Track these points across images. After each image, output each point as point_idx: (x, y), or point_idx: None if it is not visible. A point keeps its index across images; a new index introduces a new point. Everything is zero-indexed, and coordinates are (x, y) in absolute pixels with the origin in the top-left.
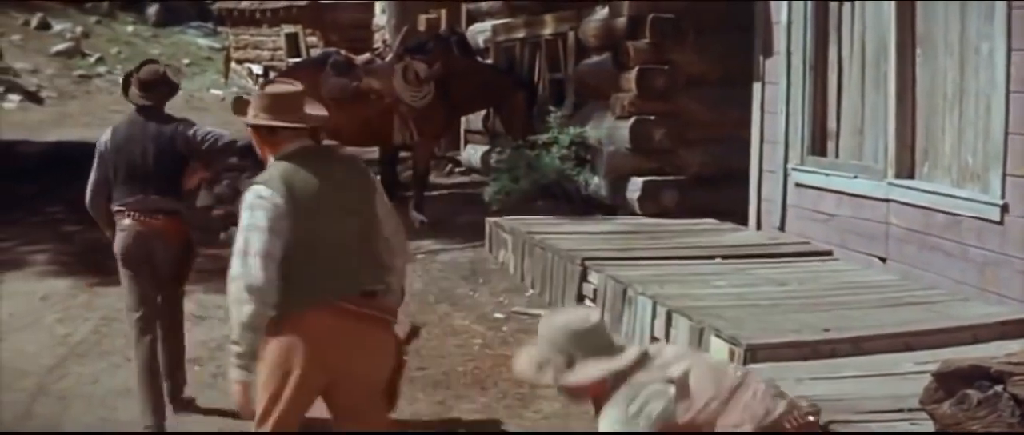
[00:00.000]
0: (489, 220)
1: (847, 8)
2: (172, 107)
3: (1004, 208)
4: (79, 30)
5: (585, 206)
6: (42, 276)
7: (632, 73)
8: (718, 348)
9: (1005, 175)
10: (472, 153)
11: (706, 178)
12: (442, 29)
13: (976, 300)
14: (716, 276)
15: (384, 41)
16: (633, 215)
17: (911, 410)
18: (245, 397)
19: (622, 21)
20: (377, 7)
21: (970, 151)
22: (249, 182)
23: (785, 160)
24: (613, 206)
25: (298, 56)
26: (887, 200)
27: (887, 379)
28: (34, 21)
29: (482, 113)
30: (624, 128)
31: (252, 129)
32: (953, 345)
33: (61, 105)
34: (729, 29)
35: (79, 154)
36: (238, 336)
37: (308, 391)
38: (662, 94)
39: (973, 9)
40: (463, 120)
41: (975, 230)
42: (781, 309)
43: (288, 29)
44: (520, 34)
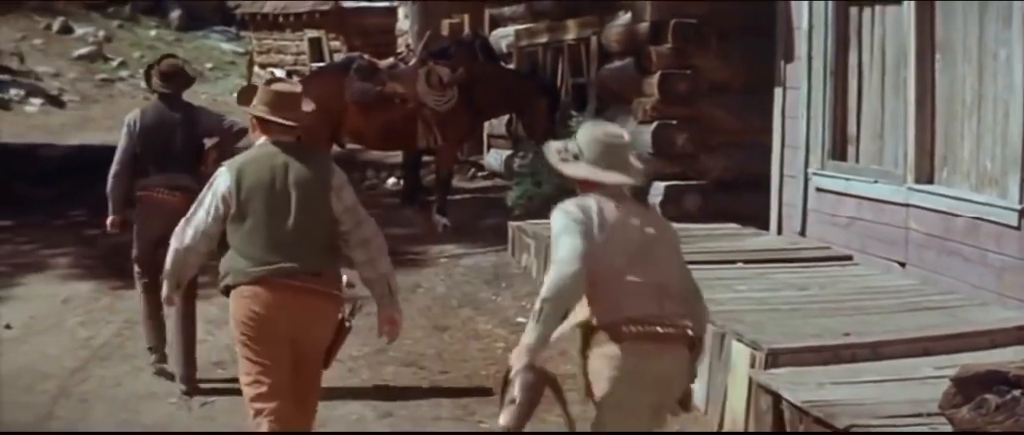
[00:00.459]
0: (512, 224)
1: (867, 14)
2: None
3: (1022, 213)
4: (101, 34)
5: None
6: (64, 279)
7: (654, 78)
8: (739, 352)
9: (1023, 180)
10: (495, 157)
11: (728, 183)
12: (465, 34)
13: (994, 305)
14: (738, 280)
15: (407, 46)
16: None
17: (930, 415)
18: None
19: (645, 26)
20: (400, 12)
21: (988, 156)
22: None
23: (806, 165)
24: None
25: (321, 61)
26: (907, 205)
27: (906, 384)
28: (56, 25)
29: (505, 117)
30: (646, 133)
31: (251, 116)
32: (971, 350)
33: (83, 109)
34: (751, 34)
35: (101, 158)
36: (164, 275)
37: (273, 347)
38: (684, 99)
39: (991, 15)
40: (486, 124)
41: (993, 235)
42: (802, 314)
43: (311, 34)
44: (543, 39)
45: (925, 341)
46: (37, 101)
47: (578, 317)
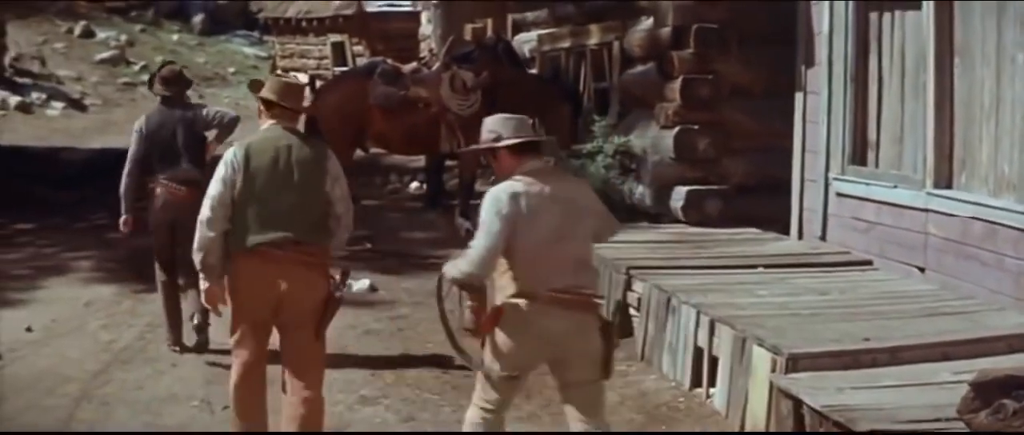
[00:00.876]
0: None
1: (887, 19)
2: None
3: None
4: (124, 38)
5: (630, 215)
6: (86, 282)
7: (676, 83)
8: (760, 357)
9: None
10: None
11: (749, 187)
12: (488, 38)
13: (1012, 309)
14: (759, 285)
15: (430, 50)
16: (677, 224)
17: (948, 419)
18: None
19: (666, 31)
20: (423, 16)
21: (1006, 161)
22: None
23: (826, 170)
24: (657, 215)
25: (344, 65)
26: (926, 210)
27: (925, 388)
28: (78, 29)
29: None
30: (668, 137)
31: (259, 101)
32: (989, 355)
33: (105, 113)
34: (772, 39)
35: (123, 162)
36: (194, 251)
37: (256, 310)
38: (706, 103)
39: (1010, 20)
40: None
41: (1011, 240)
42: (822, 318)
43: (334, 38)
44: (565, 44)
45: (943, 346)
46: (59, 105)
47: (507, 292)
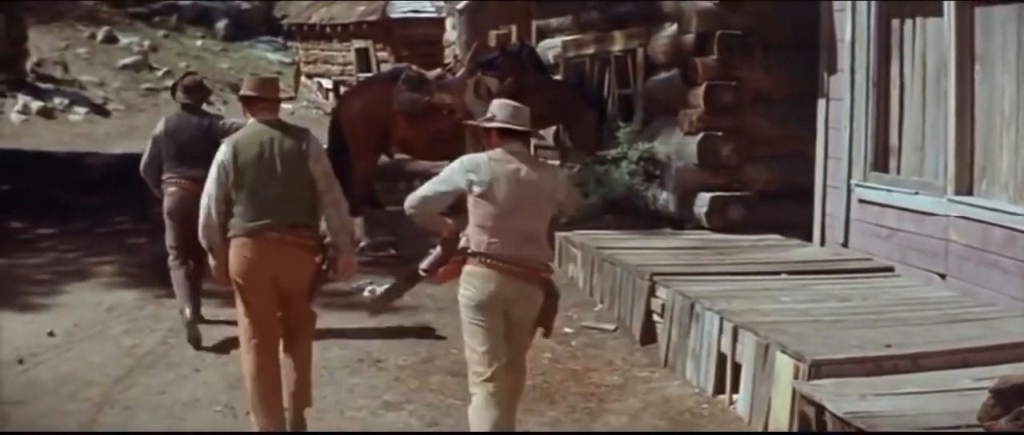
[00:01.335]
0: (558, 235)
1: (909, 26)
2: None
3: None
4: (147, 44)
5: (653, 221)
6: (109, 287)
7: (700, 89)
8: (783, 363)
9: None
10: None
11: (772, 194)
12: (512, 44)
13: None
14: (781, 292)
15: (455, 56)
16: (701, 230)
17: (969, 426)
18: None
19: (690, 38)
20: (448, 22)
21: None
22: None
23: (849, 176)
24: (681, 221)
25: (368, 71)
26: (947, 216)
27: (945, 395)
28: (100, 34)
29: (552, 128)
30: (692, 144)
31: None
32: (1010, 361)
33: (128, 118)
34: (795, 46)
35: None
36: (200, 238)
37: (258, 288)
38: (730, 110)
39: None
40: None
41: None
42: (844, 325)
43: (358, 44)
44: (590, 50)
45: (964, 352)
46: (81, 110)
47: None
